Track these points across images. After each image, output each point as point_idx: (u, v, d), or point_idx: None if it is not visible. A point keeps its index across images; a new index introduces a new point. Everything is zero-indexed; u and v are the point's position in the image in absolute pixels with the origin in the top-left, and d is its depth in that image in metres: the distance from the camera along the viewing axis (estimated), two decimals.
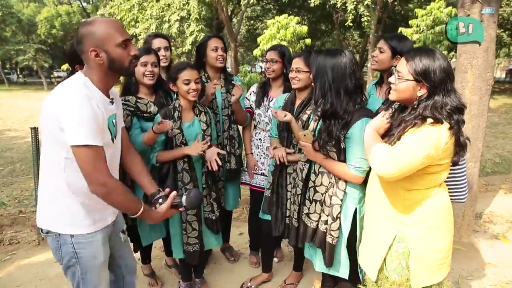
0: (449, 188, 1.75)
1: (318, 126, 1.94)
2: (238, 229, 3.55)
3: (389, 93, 1.61)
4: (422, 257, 1.56)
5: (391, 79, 1.57)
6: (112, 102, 1.55)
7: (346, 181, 1.84)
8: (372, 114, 1.84)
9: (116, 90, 1.73)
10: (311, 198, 1.95)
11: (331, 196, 1.86)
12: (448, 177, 1.73)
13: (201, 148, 2.17)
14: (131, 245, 2.47)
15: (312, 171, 1.97)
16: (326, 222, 1.89)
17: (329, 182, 1.88)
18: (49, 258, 3.08)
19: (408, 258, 1.57)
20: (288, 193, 2.23)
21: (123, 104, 2.21)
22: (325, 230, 1.89)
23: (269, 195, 2.34)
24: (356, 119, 1.77)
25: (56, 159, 1.44)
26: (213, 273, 2.83)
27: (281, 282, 2.67)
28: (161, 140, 2.24)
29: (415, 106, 1.50)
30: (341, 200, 1.84)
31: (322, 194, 1.90)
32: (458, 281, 2.67)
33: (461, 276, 2.74)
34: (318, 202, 1.91)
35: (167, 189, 1.75)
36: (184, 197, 1.70)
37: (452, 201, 1.79)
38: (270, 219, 2.34)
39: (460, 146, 1.48)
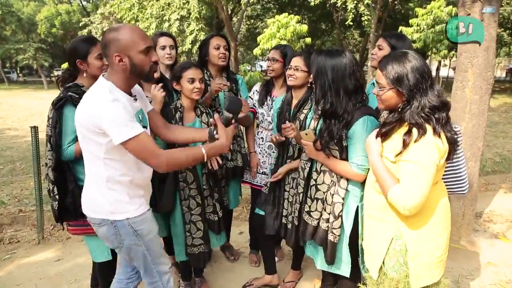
0: (449, 181, 1.76)
1: (319, 126, 1.95)
2: (238, 228, 3.55)
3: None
4: (421, 256, 1.56)
5: (374, 91, 1.62)
6: (135, 100, 1.66)
7: (347, 179, 1.85)
8: (373, 112, 1.86)
9: (138, 86, 1.81)
10: (312, 196, 1.95)
11: (333, 195, 1.87)
12: (447, 171, 1.74)
13: None
14: None
15: (314, 169, 1.97)
16: (327, 220, 1.89)
17: (331, 181, 1.89)
18: (49, 257, 3.08)
19: (406, 255, 1.57)
20: (286, 193, 2.23)
21: None
22: (326, 228, 1.90)
23: (266, 192, 2.37)
24: (358, 117, 1.78)
25: (97, 159, 1.59)
26: (213, 273, 2.83)
27: (281, 281, 2.67)
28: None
29: (399, 110, 1.53)
30: (343, 198, 1.85)
31: (324, 193, 1.91)
32: (458, 280, 2.67)
33: (461, 275, 2.74)
34: (319, 200, 1.92)
35: (212, 120, 1.87)
36: (224, 112, 1.78)
37: (454, 194, 1.80)
38: (263, 214, 2.36)
39: (449, 143, 1.49)
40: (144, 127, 1.68)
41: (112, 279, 2.40)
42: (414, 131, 1.46)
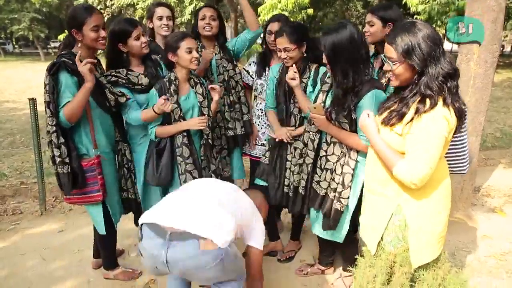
0: (450, 160, 1.75)
1: (328, 99, 1.95)
2: None
3: (389, 81, 1.59)
4: (422, 231, 1.56)
5: (386, 67, 1.54)
6: None
7: (357, 151, 1.87)
8: (380, 85, 1.85)
9: None
10: (322, 166, 1.99)
11: (343, 165, 1.90)
12: (450, 149, 1.72)
13: (198, 122, 2.17)
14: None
15: (324, 140, 2.00)
16: (335, 190, 1.93)
17: (341, 152, 1.92)
18: (52, 228, 3.13)
19: (405, 230, 1.58)
20: (288, 163, 2.26)
21: (114, 76, 2.19)
22: (333, 198, 1.94)
23: (267, 163, 2.39)
24: (366, 90, 1.77)
25: None
26: None
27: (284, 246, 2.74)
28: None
29: (415, 81, 1.47)
30: (353, 169, 1.88)
31: (334, 163, 1.94)
32: (454, 253, 2.72)
33: (457, 247, 2.80)
34: (329, 171, 1.96)
35: None
36: None
37: (453, 173, 1.80)
38: (264, 184, 2.40)
39: (457, 116, 1.45)
40: None
41: (114, 247, 2.45)
42: (427, 101, 1.42)
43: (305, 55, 2.22)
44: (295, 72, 2.08)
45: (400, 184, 1.55)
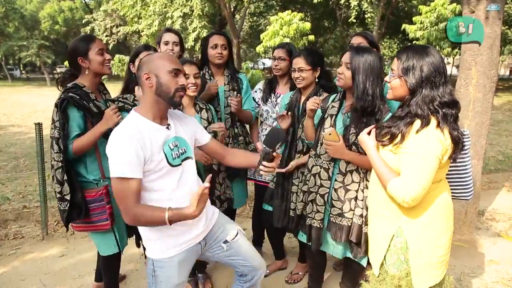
0: (454, 185, 1.75)
1: (340, 125, 1.95)
2: (240, 225, 3.52)
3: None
4: (423, 255, 1.56)
5: (387, 78, 1.62)
6: (168, 128, 1.63)
7: None
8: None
9: (181, 113, 1.83)
10: (342, 198, 1.93)
11: (363, 189, 1.90)
12: (453, 174, 1.73)
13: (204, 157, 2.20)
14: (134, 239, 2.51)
15: (338, 172, 1.95)
16: (361, 216, 1.91)
17: (359, 178, 1.91)
18: (53, 253, 3.11)
19: (407, 253, 1.57)
20: (294, 187, 2.26)
21: (120, 101, 2.23)
22: (361, 223, 1.91)
23: (273, 187, 2.42)
24: (385, 113, 1.82)
25: None
26: (215, 269, 2.85)
27: (286, 276, 2.70)
28: None
29: (407, 102, 1.53)
30: None
31: (356, 191, 1.91)
32: (460, 278, 2.67)
33: (463, 273, 2.75)
34: (352, 200, 1.92)
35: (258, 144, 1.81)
36: (264, 147, 1.66)
37: (457, 198, 1.79)
38: (271, 209, 2.41)
39: (453, 141, 1.47)
40: (183, 154, 1.65)
41: (118, 271, 2.42)
42: (417, 121, 1.46)
43: (317, 80, 2.31)
44: (317, 103, 2.04)
45: (400, 206, 1.56)
